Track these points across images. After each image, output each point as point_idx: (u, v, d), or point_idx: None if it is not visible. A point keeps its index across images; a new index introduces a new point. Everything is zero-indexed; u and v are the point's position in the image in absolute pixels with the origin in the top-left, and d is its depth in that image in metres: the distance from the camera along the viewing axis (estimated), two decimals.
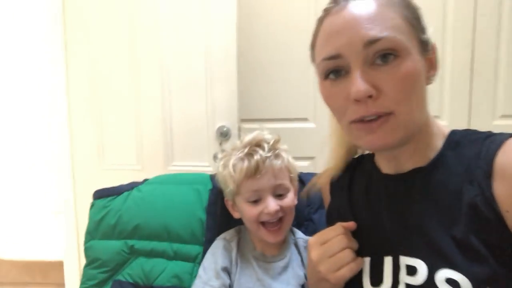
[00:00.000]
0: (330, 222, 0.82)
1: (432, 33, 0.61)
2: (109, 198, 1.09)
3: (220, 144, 1.56)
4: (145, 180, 1.14)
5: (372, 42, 0.54)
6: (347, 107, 0.58)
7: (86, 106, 1.69)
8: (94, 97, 1.68)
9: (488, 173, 0.53)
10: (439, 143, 0.63)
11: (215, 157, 1.55)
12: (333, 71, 0.59)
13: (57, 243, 2.08)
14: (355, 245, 0.65)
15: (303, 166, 1.72)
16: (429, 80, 0.61)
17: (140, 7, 1.59)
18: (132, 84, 1.64)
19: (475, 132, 0.62)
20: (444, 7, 1.66)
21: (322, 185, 0.87)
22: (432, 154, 0.62)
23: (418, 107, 0.58)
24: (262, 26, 1.72)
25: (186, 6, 1.55)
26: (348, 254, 0.63)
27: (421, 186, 0.61)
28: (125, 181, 1.16)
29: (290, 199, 0.90)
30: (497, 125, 1.65)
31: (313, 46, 0.64)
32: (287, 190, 0.90)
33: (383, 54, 0.55)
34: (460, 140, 0.61)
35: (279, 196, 0.89)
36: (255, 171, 0.86)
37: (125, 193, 1.10)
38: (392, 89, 0.55)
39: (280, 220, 0.89)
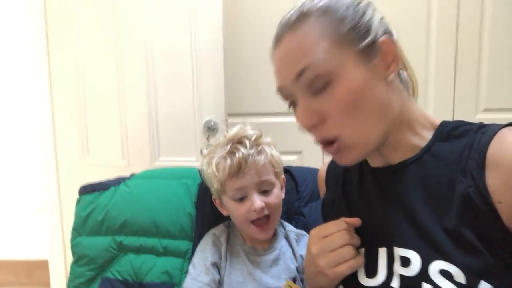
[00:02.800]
0: (325, 213, 0.83)
1: (415, 24, 0.61)
2: (95, 194, 1.07)
3: (208, 138, 1.55)
4: (133, 175, 1.13)
5: (299, 75, 0.58)
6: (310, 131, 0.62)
7: (70, 101, 1.66)
8: (78, 93, 1.65)
9: (481, 164, 0.53)
10: (428, 133, 0.63)
11: (202, 152, 1.54)
12: (290, 101, 0.64)
13: (42, 242, 2.05)
14: (357, 241, 0.64)
15: (290, 160, 1.73)
16: (387, 79, 0.59)
17: (124, 2, 1.56)
18: (117, 79, 1.61)
19: (467, 123, 0.61)
20: (428, 3, 1.67)
21: (319, 177, 0.87)
22: (421, 144, 0.62)
23: (370, 119, 0.58)
24: (248, 21, 1.72)
25: (172, 0, 1.53)
26: (349, 251, 0.62)
27: (412, 177, 0.61)
28: (110, 177, 1.14)
29: (276, 194, 0.90)
30: (480, 119, 1.65)
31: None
32: (272, 186, 0.90)
33: (318, 83, 0.57)
34: (451, 131, 0.61)
35: (264, 192, 0.88)
36: (238, 170, 0.86)
37: (112, 188, 1.08)
38: (334, 114, 0.57)
39: (267, 216, 0.88)
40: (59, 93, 1.67)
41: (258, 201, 0.86)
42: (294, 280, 0.91)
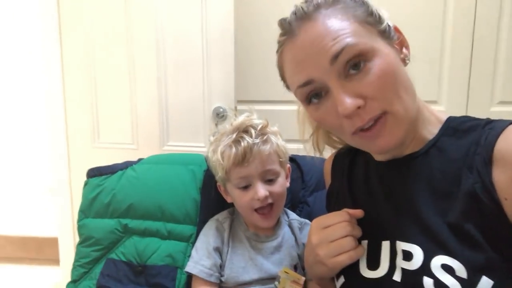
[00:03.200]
0: (329, 204, 0.83)
1: (431, 16, 0.60)
2: (103, 177, 1.09)
3: (216, 125, 1.55)
4: (140, 160, 1.14)
5: (336, 56, 0.55)
6: (341, 123, 0.58)
7: (81, 85, 1.67)
8: (89, 76, 1.65)
9: (488, 160, 0.53)
10: (434, 129, 0.62)
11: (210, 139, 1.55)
12: (313, 95, 0.59)
13: (52, 220, 2.09)
14: (358, 232, 0.64)
15: (299, 148, 1.71)
16: (405, 61, 0.61)
17: None
18: (127, 63, 1.61)
19: (473, 118, 0.61)
20: None
21: (325, 168, 0.87)
22: (427, 139, 0.62)
23: (409, 95, 0.57)
24: (259, 7, 1.69)
25: None
26: (349, 242, 0.62)
27: (417, 171, 0.61)
28: (120, 160, 1.15)
29: (280, 184, 0.90)
30: (495, 112, 1.64)
31: (282, 77, 0.66)
32: (277, 175, 0.90)
33: (353, 64, 0.55)
34: (458, 127, 0.60)
35: (269, 181, 0.89)
36: (242, 159, 0.86)
37: (119, 172, 1.09)
38: (377, 92, 0.55)
39: (271, 205, 0.89)
40: (70, 76, 1.68)
41: (261, 190, 0.86)
42: (296, 267, 0.92)
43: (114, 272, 1.01)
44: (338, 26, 0.55)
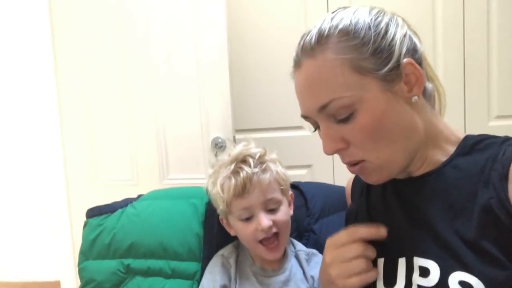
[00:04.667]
0: (347, 224, 0.81)
1: (421, 33, 0.60)
2: (102, 216, 1.06)
3: (216, 155, 1.54)
4: (139, 196, 1.12)
5: (323, 107, 0.58)
6: None
7: (78, 123, 1.68)
8: (86, 114, 1.66)
9: (504, 176, 0.53)
10: (451, 148, 0.62)
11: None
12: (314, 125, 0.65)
13: (54, 263, 2.04)
14: (371, 253, 0.61)
15: (300, 174, 1.71)
16: (411, 99, 0.58)
17: (129, 22, 1.58)
18: (124, 97, 1.62)
19: (491, 136, 0.61)
20: (433, 9, 1.66)
21: (346, 188, 0.88)
22: (443, 158, 0.62)
23: (395, 142, 0.58)
24: (253, 37, 1.72)
25: (176, 16, 1.54)
26: (360, 264, 0.59)
27: (432, 188, 0.61)
28: (120, 196, 1.13)
29: (283, 212, 0.88)
30: (493, 126, 1.64)
31: None
32: (279, 203, 0.88)
33: (341, 113, 0.57)
34: (475, 145, 0.60)
35: (271, 210, 0.86)
36: (242, 190, 0.84)
37: (119, 211, 1.07)
38: (357, 141, 0.58)
39: (276, 234, 0.86)
40: (67, 116, 1.69)
41: (265, 220, 0.84)
42: None
43: None
44: (330, 74, 0.56)
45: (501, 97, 1.66)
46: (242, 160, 0.88)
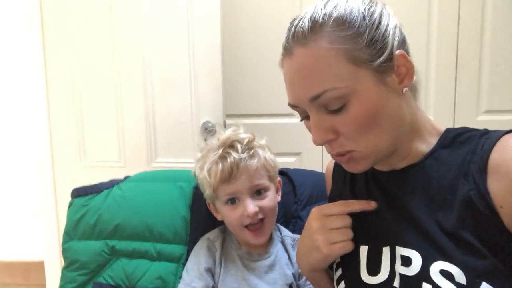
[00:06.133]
0: None
1: (415, 26, 0.59)
2: (88, 197, 1.05)
3: (205, 140, 1.53)
4: (126, 178, 1.10)
5: (315, 97, 0.56)
6: None
7: (67, 103, 1.64)
8: (75, 95, 1.63)
9: (483, 168, 0.54)
10: (433, 140, 0.63)
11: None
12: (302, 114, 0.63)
13: (38, 243, 2.03)
14: (351, 227, 0.67)
15: (289, 162, 1.71)
16: (402, 91, 0.59)
17: (121, 2, 1.54)
18: (114, 80, 1.59)
19: (471, 129, 0.61)
20: (428, 3, 1.65)
21: (326, 173, 0.86)
22: (425, 151, 0.62)
23: (384, 133, 0.58)
24: (247, 21, 1.70)
25: (169, 0, 1.51)
26: (347, 233, 0.64)
27: (414, 181, 0.61)
28: (107, 178, 1.12)
29: (270, 198, 0.88)
30: (482, 121, 1.66)
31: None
32: (266, 189, 0.88)
33: (332, 103, 0.56)
34: (455, 138, 0.61)
35: (258, 196, 0.87)
36: (229, 175, 0.84)
37: (105, 191, 1.05)
38: (347, 131, 0.57)
39: (262, 220, 0.86)
40: (55, 95, 1.65)
41: (251, 206, 0.84)
42: (291, 286, 0.89)
43: None
44: (324, 64, 0.55)
45: (491, 92, 1.67)
46: (230, 145, 0.87)
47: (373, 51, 0.55)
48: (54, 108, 1.66)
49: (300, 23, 0.57)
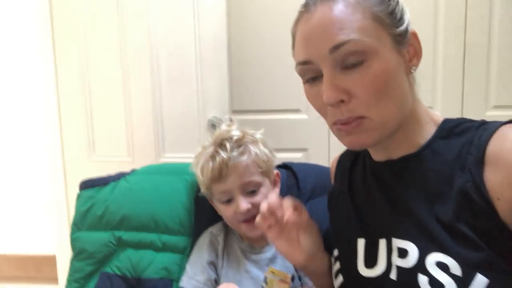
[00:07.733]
0: (329, 204, 0.82)
1: (422, 21, 0.60)
2: (95, 189, 1.08)
3: (211, 135, 1.54)
4: (133, 170, 1.13)
5: (338, 47, 0.55)
6: (326, 109, 0.60)
7: (76, 99, 1.67)
8: (84, 90, 1.66)
9: (479, 160, 0.53)
10: (430, 131, 0.63)
11: None
12: (310, 76, 0.61)
13: (50, 237, 2.07)
14: None
15: (296, 157, 1.71)
16: (410, 70, 0.60)
17: None
18: (122, 76, 1.62)
19: (468, 120, 0.61)
20: None
21: (331, 168, 0.87)
22: (423, 141, 0.62)
23: (394, 105, 0.57)
24: (254, 17, 1.70)
25: None
26: None
27: (411, 172, 0.61)
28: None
29: (263, 194, 0.87)
30: (490, 116, 1.64)
31: (293, 46, 0.65)
32: (259, 186, 0.87)
33: (351, 58, 0.55)
34: (453, 129, 0.60)
35: (251, 193, 0.86)
36: (219, 175, 0.84)
37: (112, 183, 1.08)
38: (362, 93, 0.55)
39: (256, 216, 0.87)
40: (65, 90, 1.68)
41: (243, 203, 0.84)
42: (293, 278, 0.89)
43: (109, 287, 0.99)
44: (351, 17, 0.55)
45: (500, 88, 1.65)
46: (219, 144, 0.87)
47: (394, 20, 0.57)
48: (64, 105, 1.69)
49: None
